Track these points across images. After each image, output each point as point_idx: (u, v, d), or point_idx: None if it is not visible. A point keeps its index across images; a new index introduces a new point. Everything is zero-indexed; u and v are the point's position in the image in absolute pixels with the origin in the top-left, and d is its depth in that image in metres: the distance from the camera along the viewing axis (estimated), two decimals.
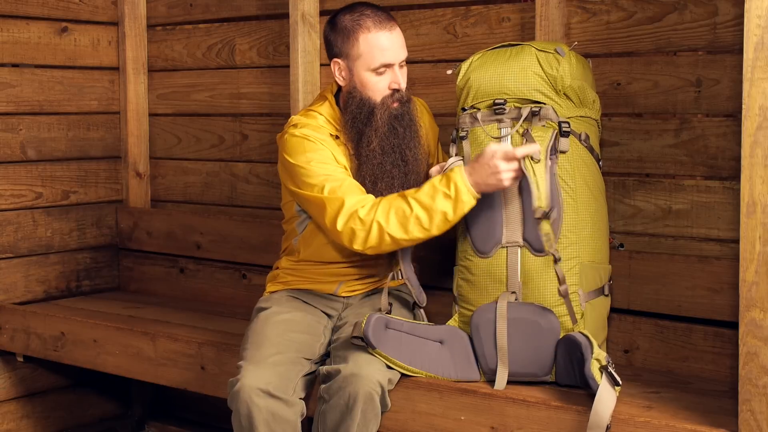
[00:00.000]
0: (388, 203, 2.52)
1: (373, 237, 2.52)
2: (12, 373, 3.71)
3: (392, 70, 2.66)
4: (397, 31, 2.68)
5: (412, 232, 2.50)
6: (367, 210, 2.53)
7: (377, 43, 2.64)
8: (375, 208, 2.52)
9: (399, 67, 2.67)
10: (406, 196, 2.51)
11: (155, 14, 3.99)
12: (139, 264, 4.02)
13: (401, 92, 2.68)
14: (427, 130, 2.87)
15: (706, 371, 2.69)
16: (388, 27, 2.66)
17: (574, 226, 2.51)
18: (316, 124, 2.72)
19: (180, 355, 3.10)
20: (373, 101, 2.66)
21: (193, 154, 3.93)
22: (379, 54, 2.64)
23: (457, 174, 2.47)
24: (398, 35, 2.68)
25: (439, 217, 2.47)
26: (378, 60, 2.64)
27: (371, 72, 2.66)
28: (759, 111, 2.08)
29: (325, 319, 2.79)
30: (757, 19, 2.08)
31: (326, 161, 2.64)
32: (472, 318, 2.57)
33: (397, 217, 2.50)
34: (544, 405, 2.38)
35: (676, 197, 2.78)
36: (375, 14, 2.67)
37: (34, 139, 3.78)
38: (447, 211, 2.46)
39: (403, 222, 2.49)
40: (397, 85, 2.66)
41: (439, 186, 2.48)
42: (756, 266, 2.11)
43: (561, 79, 2.54)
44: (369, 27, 2.65)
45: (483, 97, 2.61)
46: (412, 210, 2.48)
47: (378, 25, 2.65)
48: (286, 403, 2.52)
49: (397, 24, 2.70)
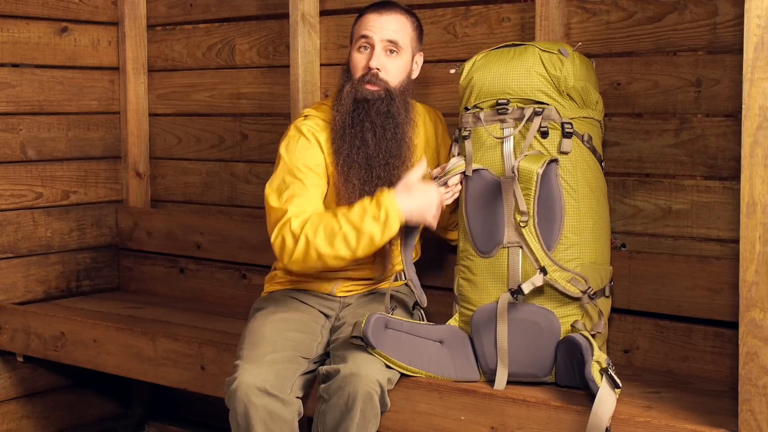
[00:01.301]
0: (319, 218, 2.54)
1: (300, 250, 2.54)
2: (12, 373, 3.71)
3: (373, 50, 2.68)
4: (393, 17, 2.71)
5: (338, 249, 2.50)
6: (299, 223, 2.55)
7: (365, 20, 2.73)
8: (307, 221, 2.54)
9: (385, 51, 2.69)
10: (337, 214, 2.53)
11: (155, 14, 3.99)
12: (139, 264, 4.02)
13: (375, 74, 2.68)
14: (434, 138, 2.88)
15: (706, 371, 2.69)
16: (381, 10, 2.72)
17: (576, 228, 2.51)
18: (320, 115, 2.78)
19: (180, 355, 3.10)
20: (352, 78, 2.71)
21: (193, 154, 3.93)
22: (362, 28, 2.71)
23: (387, 198, 2.49)
24: (391, 19, 2.71)
25: (366, 239, 2.49)
26: (359, 32, 2.71)
27: (355, 49, 2.73)
28: (759, 111, 2.08)
29: (322, 318, 2.79)
30: (757, 19, 2.08)
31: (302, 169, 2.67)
32: (472, 318, 2.57)
33: (325, 232, 2.51)
34: (544, 405, 2.38)
35: (676, 197, 2.78)
36: (383, 3, 2.75)
37: (34, 139, 3.78)
38: (374, 234, 2.48)
39: (330, 238, 2.50)
40: (368, 62, 2.68)
41: (369, 208, 2.50)
42: (756, 266, 2.11)
43: (564, 80, 2.54)
44: (368, 10, 2.74)
45: (486, 97, 2.61)
46: (340, 227, 2.50)
47: (373, 8, 2.74)
48: (283, 402, 2.52)
49: (403, 15, 2.74)
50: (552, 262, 2.47)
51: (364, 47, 2.71)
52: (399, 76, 2.72)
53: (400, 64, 2.72)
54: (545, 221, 2.49)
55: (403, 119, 2.71)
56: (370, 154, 2.67)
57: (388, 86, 2.69)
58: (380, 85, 2.68)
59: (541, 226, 2.49)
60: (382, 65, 2.69)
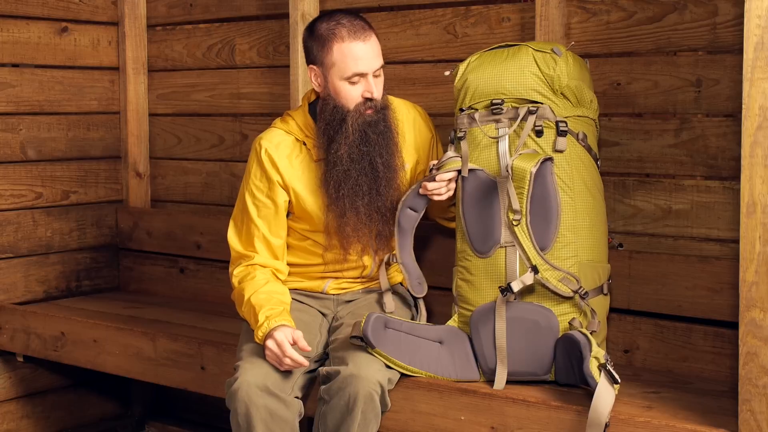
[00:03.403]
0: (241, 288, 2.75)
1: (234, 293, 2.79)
2: (12, 373, 3.71)
3: (366, 80, 2.66)
4: (373, 41, 2.67)
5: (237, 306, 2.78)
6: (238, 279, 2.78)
7: (350, 52, 2.63)
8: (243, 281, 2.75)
9: (373, 76, 2.67)
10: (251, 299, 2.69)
11: (155, 14, 3.99)
12: (139, 264, 4.02)
13: (375, 101, 2.68)
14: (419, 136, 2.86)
15: (706, 371, 2.69)
16: (362, 37, 2.65)
17: (573, 226, 2.51)
18: (287, 129, 2.77)
19: (180, 355, 3.10)
20: (346, 109, 2.67)
21: (193, 154, 3.93)
22: (352, 63, 2.64)
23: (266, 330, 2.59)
24: (373, 45, 2.67)
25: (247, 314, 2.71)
26: (350, 69, 2.64)
27: (344, 81, 2.66)
28: (759, 111, 2.08)
29: (319, 317, 2.80)
30: (757, 19, 2.08)
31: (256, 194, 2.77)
32: (471, 318, 2.57)
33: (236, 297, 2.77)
34: (544, 405, 2.38)
35: (676, 197, 2.78)
36: (351, 23, 2.66)
37: (34, 139, 3.78)
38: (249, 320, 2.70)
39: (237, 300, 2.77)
40: (370, 94, 2.66)
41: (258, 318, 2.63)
42: (756, 266, 2.11)
43: (558, 79, 2.55)
44: (343, 36, 2.64)
45: (480, 98, 2.62)
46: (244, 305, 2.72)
47: (352, 35, 2.64)
48: (285, 403, 2.52)
49: (374, 33, 2.68)
50: (543, 261, 2.48)
51: (355, 81, 2.66)
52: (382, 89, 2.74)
53: (382, 80, 2.73)
54: (541, 220, 2.50)
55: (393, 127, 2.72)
56: (379, 177, 2.69)
57: (379, 104, 2.69)
58: (378, 107, 2.69)
59: (536, 224, 2.50)
60: (377, 91, 2.68)
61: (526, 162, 2.48)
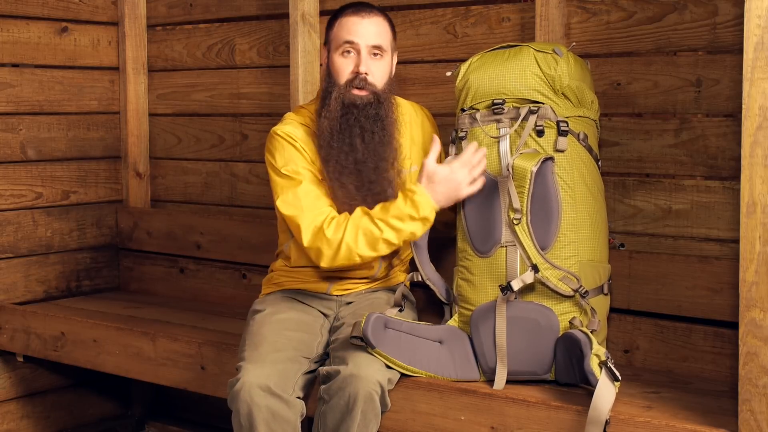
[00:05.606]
0: (355, 225, 2.58)
1: (342, 257, 2.60)
2: (12, 373, 3.71)
3: (359, 55, 2.68)
4: (374, 20, 2.71)
5: (381, 251, 2.61)
6: (334, 230, 2.60)
7: (346, 23, 2.71)
8: (342, 228, 2.59)
9: (370, 55, 2.69)
10: (373, 218, 2.57)
11: (155, 14, 3.99)
12: (139, 264, 4.02)
13: (366, 81, 2.68)
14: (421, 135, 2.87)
15: (706, 371, 2.69)
16: (363, 14, 2.71)
17: (573, 225, 2.52)
18: (300, 120, 2.78)
19: (180, 355, 3.10)
20: (336, 84, 2.70)
21: (193, 154, 3.93)
22: (345, 32, 2.70)
23: (421, 196, 2.54)
24: (372, 23, 2.70)
25: (406, 236, 2.59)
26: (342, 38, 2.70)
27: (338, 53, 2.71)
28: (759, 111, 2.08)
29: (321, 318, 2.79)
30: (757, 19, 2.08)
31: (296, 170, 2.69)
32: (471, 317, 2.57)
33: (366, 238, 2.58)
34: (544, 405, 2.38)
35: (676, 197, 2.79)
36: (359, 4, 2.74)
37: (34, 139, 3.78)
38: (416, 232, 2.58)
39: (372, 243, 2.59)
40: (358, 67, 2.68)
41: (405, 209, 2.55)
42: (756, 266, 2.11)
43: (559, 79, 2.55)
44: (346, 12, 2.73)
45: (482, 98, 2.62)
46: (381, 232, 2.57)
47: (353, 11, 2.72)
48: (287, 403, 2.52)
49: (384, 18, 2.73)
50: (544, 260, 2.48)
51: (347, 52, 2.70)
52: (384, 77, 2.73)
53: (384, 67, 2.73)
54: (542, 219, 2.50)
55: (390, 121, 2.72)
56: (359, 159, 2.68)
57: (376, 89, 2.70)
58: (369, 89, 2.69)
59: (536, 224, 2.50)
60: (369, 69, 2.69)
61: (526, 161, 2.49)
